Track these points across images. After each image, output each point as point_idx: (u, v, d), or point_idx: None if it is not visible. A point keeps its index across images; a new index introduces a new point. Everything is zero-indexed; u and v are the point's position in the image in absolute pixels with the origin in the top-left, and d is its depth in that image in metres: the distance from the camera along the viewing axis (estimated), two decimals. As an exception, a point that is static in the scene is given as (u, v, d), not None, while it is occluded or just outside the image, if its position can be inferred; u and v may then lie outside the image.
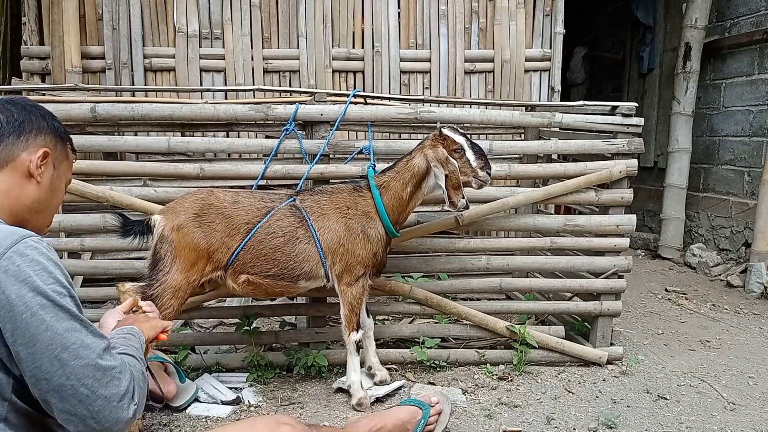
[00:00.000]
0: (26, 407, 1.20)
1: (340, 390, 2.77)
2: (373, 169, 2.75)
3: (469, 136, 2.63)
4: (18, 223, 1.33)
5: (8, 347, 1.14)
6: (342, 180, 2.90)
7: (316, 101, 2.97)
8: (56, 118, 1.49)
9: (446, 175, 2.53)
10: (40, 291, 1.15)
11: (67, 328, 1.16)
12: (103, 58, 4.12)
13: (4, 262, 1.14)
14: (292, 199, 2.60)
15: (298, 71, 4.33)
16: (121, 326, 1.58)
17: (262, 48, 4.30)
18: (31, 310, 1.13)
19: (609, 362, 3.13)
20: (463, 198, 2.57)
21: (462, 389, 2.80)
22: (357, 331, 2.67)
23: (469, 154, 2.56)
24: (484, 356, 3.06)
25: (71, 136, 1.54)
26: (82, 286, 3.18)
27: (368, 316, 2.83)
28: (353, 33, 4.41)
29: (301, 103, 2.88)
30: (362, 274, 2.61)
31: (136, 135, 3.58)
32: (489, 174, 2.58)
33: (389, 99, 3.38)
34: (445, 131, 2.57)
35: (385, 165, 2.75)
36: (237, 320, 2.98)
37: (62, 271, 1.22)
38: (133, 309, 1.86)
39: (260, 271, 2.52)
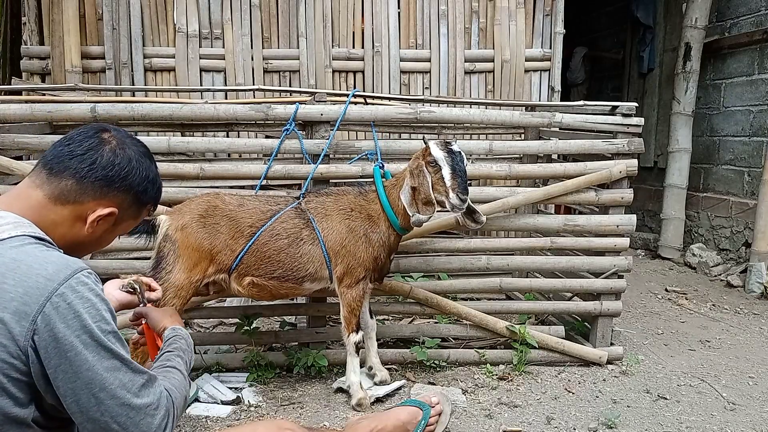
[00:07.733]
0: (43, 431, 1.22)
1: (340, 390, 2.77)
2: (380, 168, 2.74)
3: (460, 154, 2.43)
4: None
5: (47, 378, 1.16)
6: (343, 180, 2.90)
7: (316, 101, 2.97)
8: (156, 182, 1.41)
9: (414, 188, 2.49)
10: (86, 329, 1.16)
11: (107, 368, 1.18)
12: (103, 58, 4.12)
13: (56, 298, 1.14)
14: (297, 202, 2.61)
15: (298, 71, 4.33)
16: (178, 322, 1.61)
17: (262, 48, 4.29)
18: (75, 349, 1.14)
19: (609, 362, 3.13)
20: (429, 215, 2.50)
21: (462, 389, 2.80)
22: (357, 332, 2.67)
23: (445, 172, 2.39)
24: (484, 356, 3.06)
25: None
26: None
27: (372, 318, 2.83)
28: (353, 33, 4.40)
29: (301, 103, 2.88)
30: (363, 277, 2.61)
31: (136, 135, 3.57)
32: (461, 200, 2.38)
33: (389, 99, 3.38)
34: (431, 143, 2.47)
35: (387, 165, 2.75)
36: (237, 320, 2.98)
37: (107, 306, 1.22)
38: (133, 287, 1.78)
39: (265, 273, 2.52)
